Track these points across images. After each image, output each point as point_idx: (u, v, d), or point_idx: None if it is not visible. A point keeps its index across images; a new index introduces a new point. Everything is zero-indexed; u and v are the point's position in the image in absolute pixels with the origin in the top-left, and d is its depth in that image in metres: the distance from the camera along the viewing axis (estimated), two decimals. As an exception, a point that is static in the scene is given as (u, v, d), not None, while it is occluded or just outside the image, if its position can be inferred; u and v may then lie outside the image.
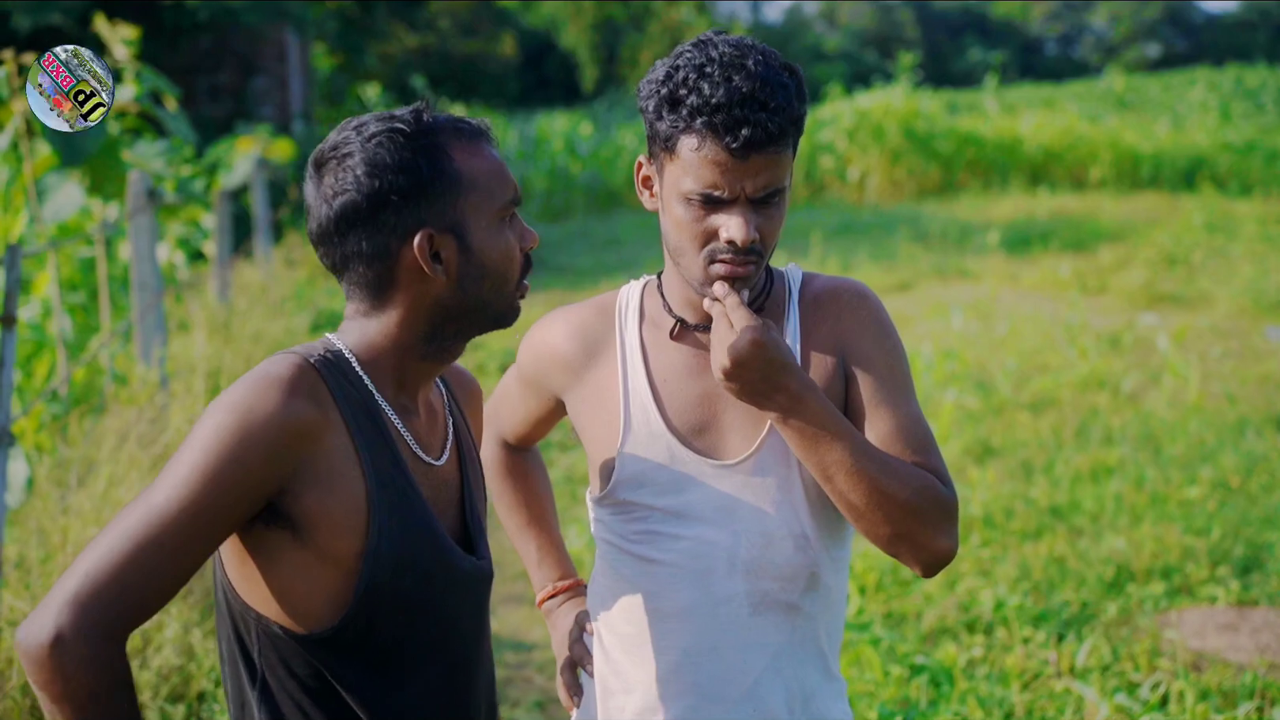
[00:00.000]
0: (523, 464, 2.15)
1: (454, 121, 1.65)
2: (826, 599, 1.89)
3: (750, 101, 1.72)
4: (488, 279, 1.64)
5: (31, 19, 13.95)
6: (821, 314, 1.89)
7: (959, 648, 4.11)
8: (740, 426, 1.86)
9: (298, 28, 16.02)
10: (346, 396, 1.59)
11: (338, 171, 1.59)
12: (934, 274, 11.45)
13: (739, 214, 1.76)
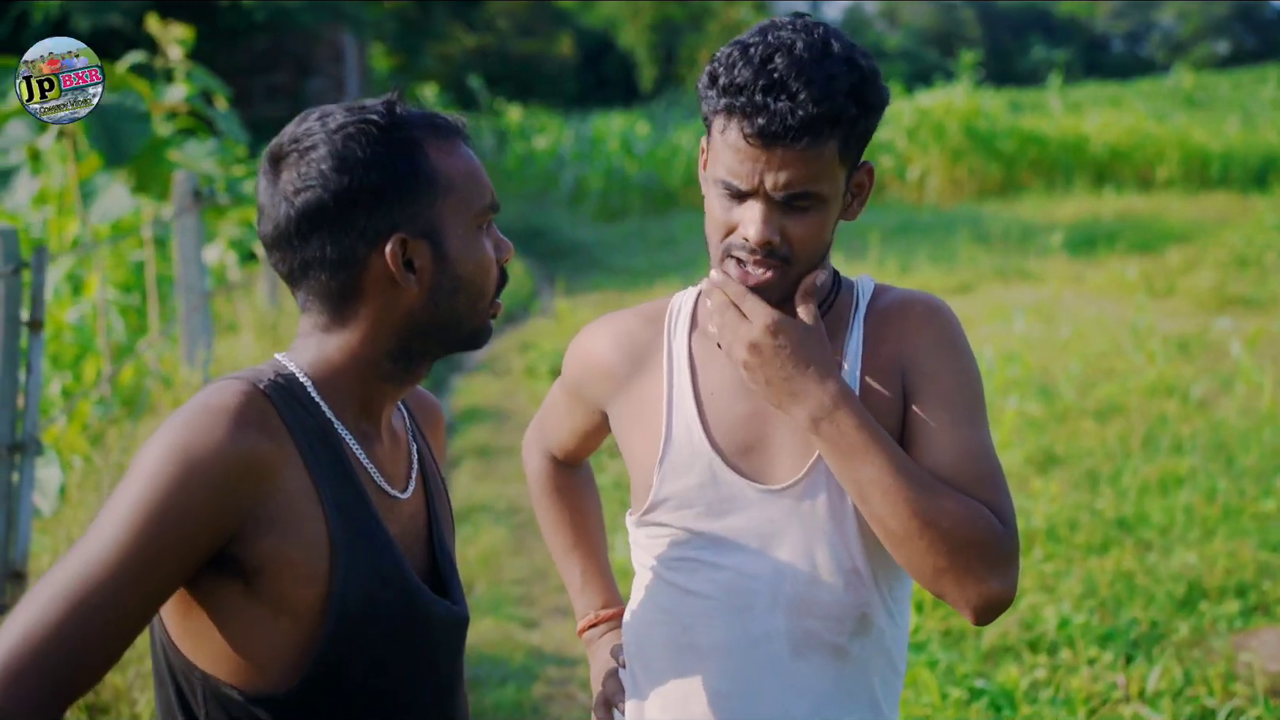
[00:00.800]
0: (570, 481, 2.00)
1: (429, 117, 1.49)
2: (880, 644, 1.72)
3: (777, 87, 1.56)
4: (462, 291, 1.47)
5: (91, 19, 14.07)
6: (887, 329, 1.72)
7: (1021, 669, 3.93)
8: (791, 449, 1.69)
9: (354, 28, 16.04)
10: (301, 425, 1.41)
11: (299, 166, 1.42)
12: (995, 276, 11.21)
13: (758, 208, 1.60)
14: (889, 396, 1.68)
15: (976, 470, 1.62)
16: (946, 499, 1.57)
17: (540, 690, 4.03)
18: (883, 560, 1.70)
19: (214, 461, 1.32)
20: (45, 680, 1.26)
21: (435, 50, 24.07)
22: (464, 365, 8.98)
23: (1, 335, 3.23)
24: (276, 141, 1.46)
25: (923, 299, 1.73)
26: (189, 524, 1.31)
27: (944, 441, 1.63)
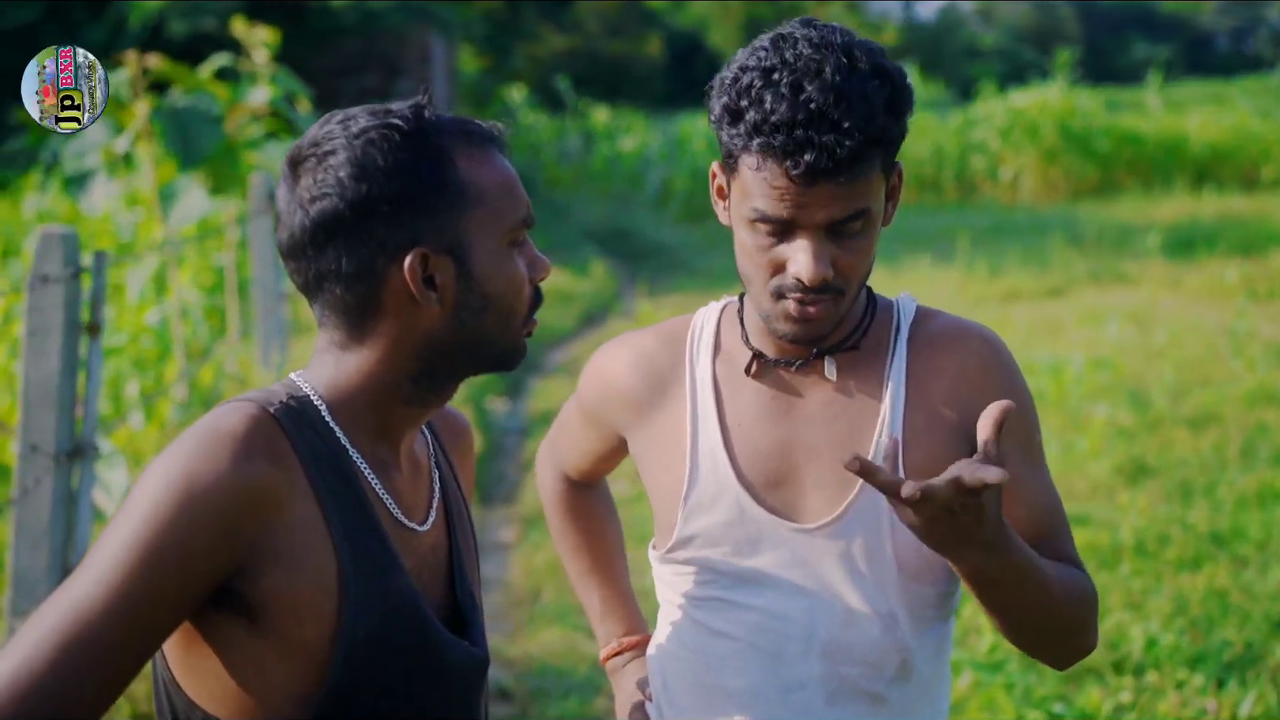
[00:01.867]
0: (586, 502, 1.90)
1: (461, 123, 1.38)
2: (922, 690, 1.61)
3: (818, 120, 1.44)
4: (490, 311, 1.37)
5: (187, 23, 14.31)
6: (939, 361, 1.60)
7: (1104, 691, 3.76)
8: (824, 484, 1.58)
9: (442, 30, 16.13)
10: (313, 451, 1.32)
11: (317, 172, 1.33)
12: (1088, 279, 10.92)
13: (808, 248, 1.49)
14: (941, 434, 1.57)
15: (1053, 524, 1.59)
16: (1070, 596, 1.54)
17: (602, 704, 3.95)
18: (921, 604, 1.59)
19: (217, 491, 1.24)
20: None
21: (524, 51, 24.17)
22: (542, 368, 8.94)
23: (60, 340, 3.22)
24: (296, 145, 1.38)
25: (979, 331, 1.63)
26: (189, 558, 1.24)
27: (1022, 495, 1.58)
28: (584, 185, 18.92)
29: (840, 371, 1.61)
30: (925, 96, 24.28)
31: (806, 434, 1.60)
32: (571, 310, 10.57)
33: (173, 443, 1.29)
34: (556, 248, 13.44)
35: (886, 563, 1.57)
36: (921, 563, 1.58)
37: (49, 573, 3.28)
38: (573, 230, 15.16)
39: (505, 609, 4.87)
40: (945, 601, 1.63)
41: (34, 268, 3.18)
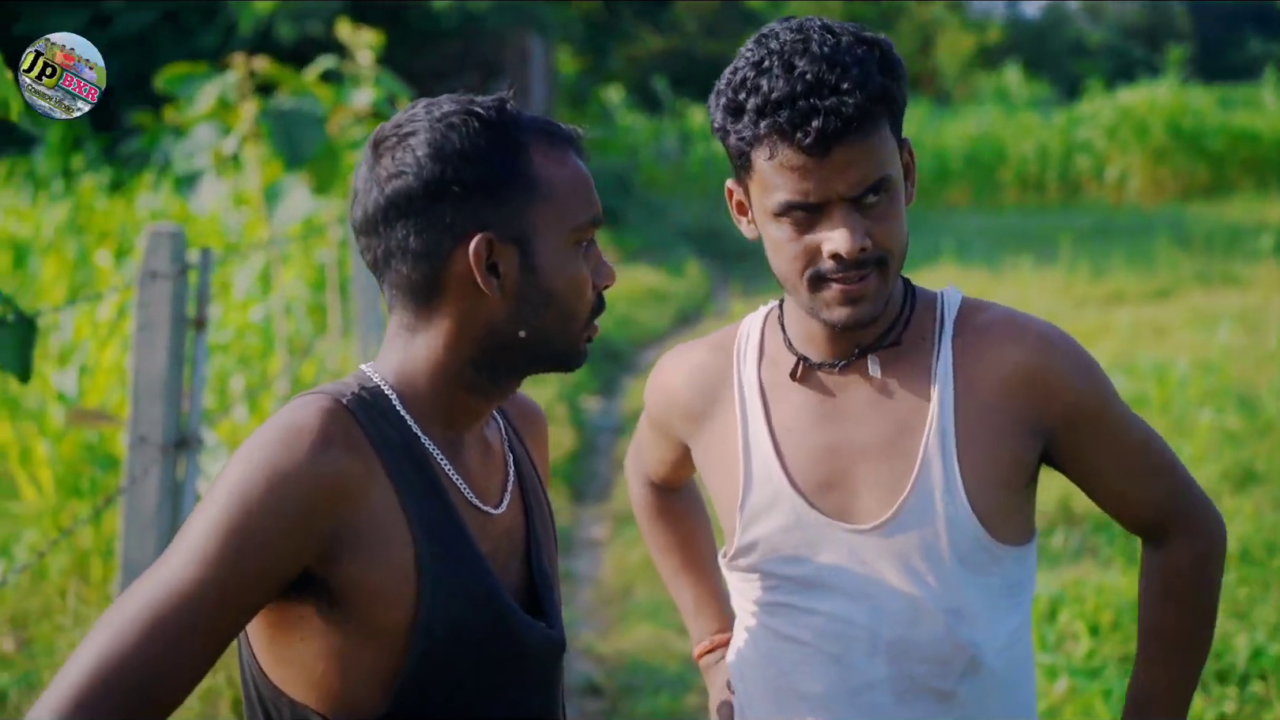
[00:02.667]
0: (674, 504, 1.91)
1: (541, 121, 1.41)
2: (993, 685, 1.59)
3: (817, 88, 1.45)
4: (551, 307, 1.38)
5: (295, 28, 14.58)
6: (991, 356, 1.58)
7: (1207, 701, 3.68)
8: (875, 484, 1.57)
9: (541, 31, 16.25)
10: (386, 440, 1.35)
11: (396, 151, 1.36)
12: (1197, 281, 10.67)
13: (839, 221, 1.48)
14: (995, 431, 1.55)
15: (1159, 465, 1.63)
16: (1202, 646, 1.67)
17: (693, 700, 3.96)
18: (986, 597, 1.58)
19: (297, 483, 1.27)
20: (124, 704, 1.22)
21: (622, 52, 24.24)
22: (636, 367, 8.97)
23: (168, 334, 3.31)
24: (380, 127, 1.41)
25: (1037, 329, 1.60)
26: (271, 546, 1.27)
27: (1123, 461, 1.61)
28: (681, 186, 18.94)
29: (884, 369, 1.60)
30: (1028, 95, 23.91)
31: (855, 435, 1.59)
32: (666, 310, 10.60)
33: (252, 435, 1.32)
34: (651, 248, 13.48)
35: (944, 558, 1.55)
36: (983, 555, 1.56)
37: (156, 559, 3.38)
38: (668, 230, 15.19)
39: (597, 605, 4.90)
40: (1013, 593, 1.61)
41: (143, 265, 3.28)
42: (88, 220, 9.18)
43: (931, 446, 1.56)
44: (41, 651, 3.69)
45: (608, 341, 9.32)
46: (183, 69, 5.84)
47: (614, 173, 16.18)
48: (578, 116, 19.42)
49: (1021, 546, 1.61)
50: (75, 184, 10.84)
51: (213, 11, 14.85)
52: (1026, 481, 1.60)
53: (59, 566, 4.14)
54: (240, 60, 5.66)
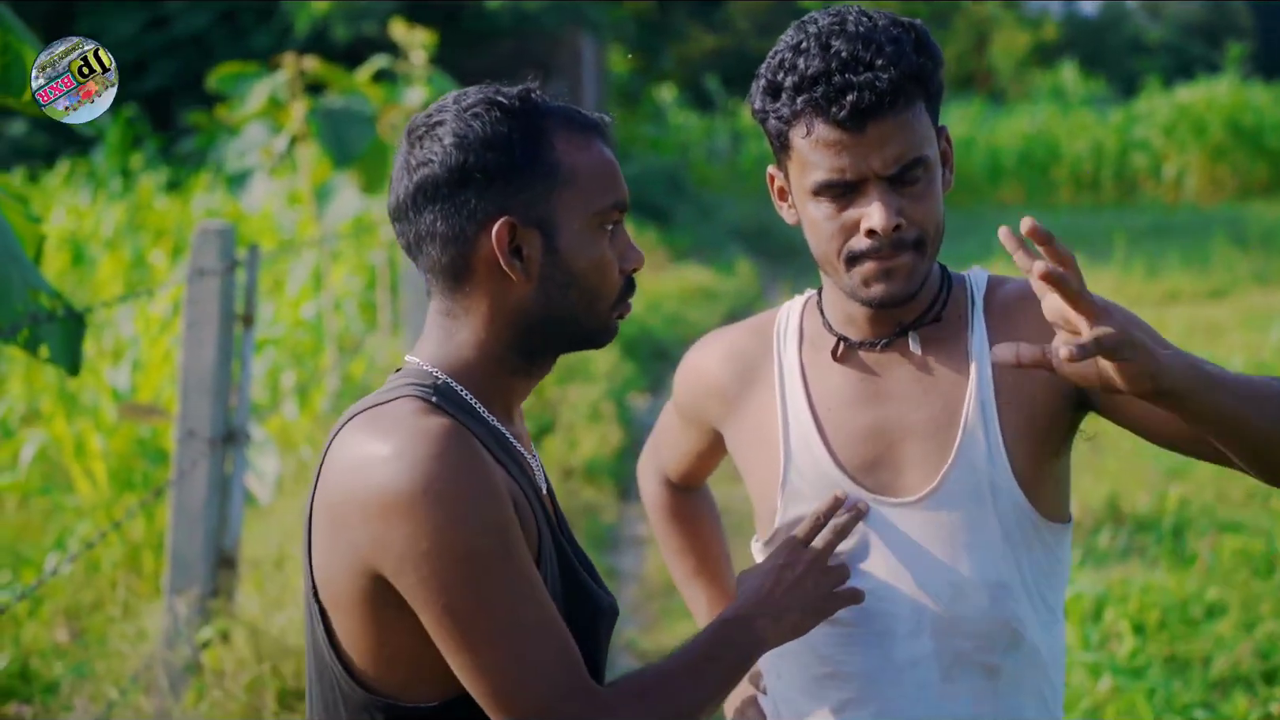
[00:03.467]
0: (689, 505, 1.91)
1: (566, 109, 1.44)
2: (1034, 659, 1.60)
3: (852, 64, 1.47)
4: (575, 289, 1.42)
5: (350, 28, 14.72)
6: (1017, 320, 1.59)
7: (1252, 701, 3.64)
8: (919, 461, 1.58)
9: (593, 30, 16.30)
10: (480, 432, 1.39)
11: (425, 140, 1.41)
12: (1253, 280, 10.53)
13: (875, 197, 1.50)
14: (1036, 395, 1.57)
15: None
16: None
17: (734, 697, 3.96)
18: (1030, 570, 1.59)
19: (477, 472, 1.32)
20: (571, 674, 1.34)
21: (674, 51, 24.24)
22: (684, 364, 8.98)
23: (216, 330, 3.37)
24: (414, 117, 1.46)
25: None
26: (511, 530, 1.33)
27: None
28: (732, 184, 18.93)
29: (924, 347, 1.61)
30: (1084, 93, 23.65)
31: (898, 414, 1.60)
32: (716, 308, 10.59)
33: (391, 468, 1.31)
34: (702, 246, 13.48)
35: (991, 530, 1.56)
36: (1026, 527, 1.58)
37: (204, 553, 3.44)
38: (719, 229, 15.18)
39: (641, 601, 4.92)
40: (1051, 573, 1.62)
41: (191, 262, 3.34)
42: (145, 219, 9.33)
43: (973, 417, 1.57)
44: (94, 642, 3.76)
45: (656, 339, 9.34)
46: (234, 68, 5.93)
47: (666, 171, 16.21)
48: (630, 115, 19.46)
49: (1060, 525, 1.62)
50: (134, 183, 11.01)
51: (269, 12, 15.02)
52: (1064, 442, 1.60)
53: (111, 559, 4.22)
54: (290, 60, 5.73)
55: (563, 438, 6.25)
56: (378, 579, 1.33)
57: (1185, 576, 4.38)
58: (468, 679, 1.32)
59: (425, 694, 1.38)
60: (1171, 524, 5.00)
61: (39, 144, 13.42)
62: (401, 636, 1.36)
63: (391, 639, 1.36)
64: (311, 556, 1.39)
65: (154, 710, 3.08)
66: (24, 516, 4.66)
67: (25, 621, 3.82)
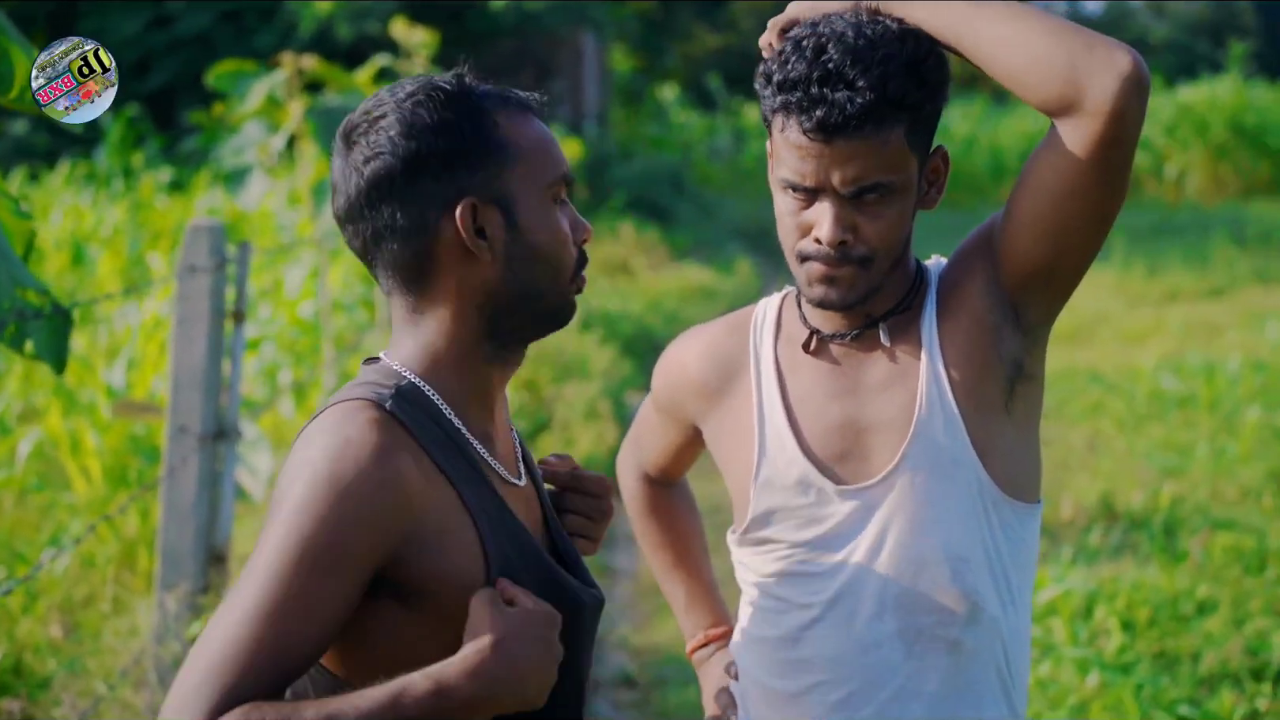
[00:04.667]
0: (668, 500, 1.95)
1: (500, 90, 1.46)
2: (994, 633, 1.64)
3: (833, 78, 1.50)
4: (539, 263, 1.43)
5: (353, 28, 14.74)
6: (950, 281, 1.66)
7: (1239, 697, 3.65)
8: (884, 448, 1.62)
9: (596, 30, 16.31)
10: (431, 436, 1.39)
11: (369, 135, 1.40)
12: (1254, 279, 10.53)
13: (829, 210, 1.54)
14: (971, 340, 1.62)
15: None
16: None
17: (723, 693, 3.98)
18: (994, 544, 1.62)
19: (364, 494, 1.31)
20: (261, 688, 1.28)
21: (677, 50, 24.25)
22: (684, 364, 8.98)
23: (207, 327, 3.39)
24: (348, 119, 1.45)
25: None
26: (347, 559, 1.30)
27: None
28: (734, 184, 18.92)
29: (892, 337, 1.65)
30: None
31: (867, 404, 1.64)
32: (715, 307, 10.59)
33: (303, 451, 1.34)
34: (702, 245, 13.48)
35: (951, 504, 1.60)
36: (986, 499, 1.61)
37: (195, 549, 3.46)
38: (720, 228, 15.19)
39: (634, 599, 4.93)
40: (1018, 551, 1.65)
41: (182, 259, 3.36)
42: (145, 218, 9.35)
43: (929, 393, 1.61)
44: (87, 637, 3.78)
45: (654, 337, 9.34)
46: (233, 66, 5.94)
47: (668, 170, 16.21)
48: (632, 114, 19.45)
49: (1024, 505, 1.65)
50: (135, 182, 11.03)
51: (271, 12, 15.04)
52: (1011, 410, 1.62)
53: (106, 555, 4.23)
54: (289, 59, 5.75)
55: (559, 435, 6.26)
56: None
57: (1176, 573, 4.39)
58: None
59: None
60: (1164, 522, 5.02)
61: (40, 143, 13.45)
62: (374, 640, 1.37)
63: (367, 643, 1.37)
64: None
65: (143, 705, 3.10)
66: (20, 513, 4.67)
67: (20, 617, 3.84)
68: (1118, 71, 1.45)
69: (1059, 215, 1.53)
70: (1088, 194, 1.52)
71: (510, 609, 1.35)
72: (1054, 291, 1.60)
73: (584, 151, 11.83)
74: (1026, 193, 1.55)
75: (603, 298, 9.80)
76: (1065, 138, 1.49)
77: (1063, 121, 1.49)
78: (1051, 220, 1.54)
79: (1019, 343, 1.61)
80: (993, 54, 1.50)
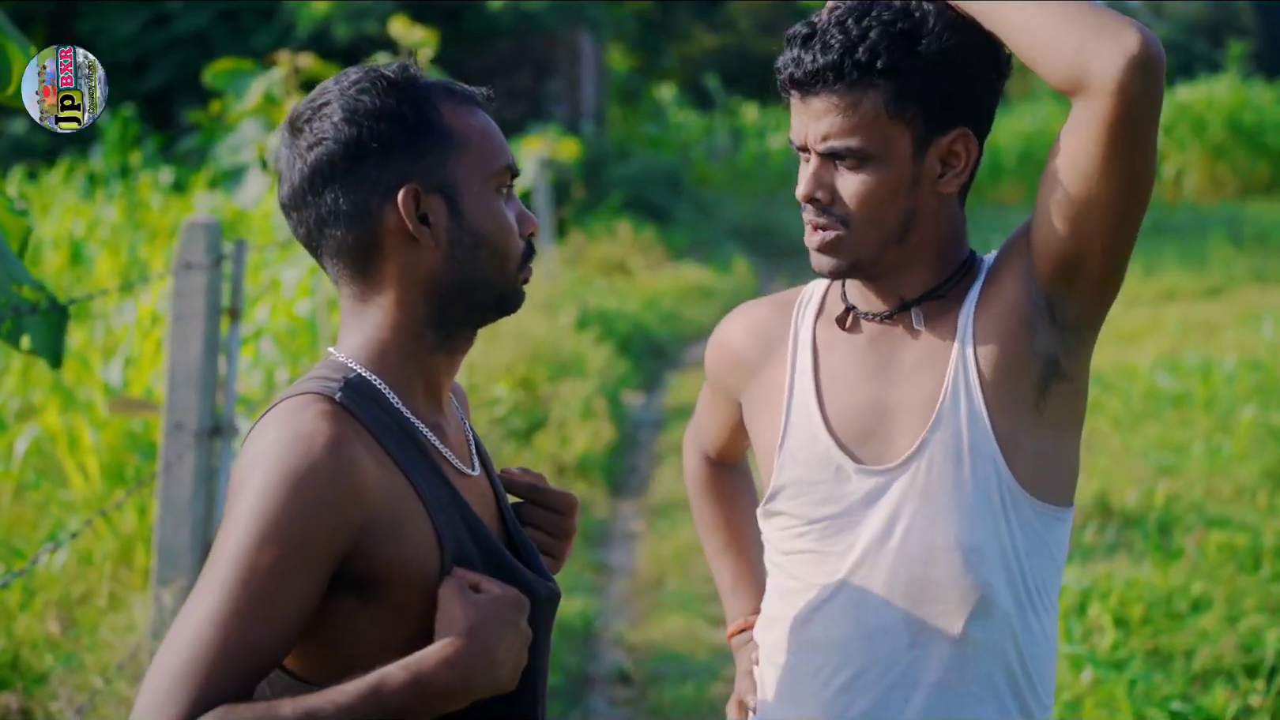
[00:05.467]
0: (725, 481, 1.95)
1: (445, 82, 1.47)
2: (1005, 628, 1.61)
3: (820, 35, 1.55)
4: (484, 249, 1.43)
5: (351, 28, 14.73)
6: (997, 278, 1.64)
7: (1232, 693, 3.66)
8: (908, 431, 1.62)
9: (593, 29, 16.31)
10: (382, 426, 1.39)
11: (313, 122, 1.41)
12: (1251, 278, 10.55)
13: (806, 168, 1.60)
14: (1004, 334, 1.60)
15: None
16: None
17: (719, 690, 3.99)
18: (1012, 540, 1.60)
19: (320, 487, 1.30)
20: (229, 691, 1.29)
21: (675, 50, 24.25)
22: (680, 362, 9.01)
23: (203, 324, 3.40)
24: (295, 108, 1.46)
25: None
26: (310, 549, 1.31)
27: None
28: (732, 183, 18.93)
29: (927, 323, 1.64)
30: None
31: (895, 387, 1.64)
32: (712, 306, 10.61)
33: (255, 448, 1.34)
34: (700, 245, 13.49)
35: (967, 494, 1.59)
36: (1005, 494, 1.60)
37: (192, 544, 3.47)
38: (717, 227, 15.20)
39: (630, 596, 4.95)
40: (1042, 553, 1.63)
41: (178, 255, 3.37)
42: (143, 218, 9.35)
43: (955, 382, 1.61)
44: (85, 633, 3.79)
45: (651, 337, 9.36)
46: (229, 65, 5.95)
47: (665, 170, 16.21)
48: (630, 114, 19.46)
49: (1051, 507, 1.62)
50: (133, 182, 11.04)
51: (269, 11, 15.04)
52: (1044, 408, 1.60)
53: (103, 551, 4.25)
54: (286, 57, 5.76)
55: (554, 434, 6.28)
56: None
57: (1171, 571, 4.40)
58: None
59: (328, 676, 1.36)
60: (1159, 519, 5.03)
61: (39, 142, 13.44)
62: (328, 632, 1.37)
63: (321, 635, 1.37)
64: None
65: (140, 699, 3.10)
66: (18, 509, 4.68)
67: (18, 613, 3.86)
68: (1124, 49, 1.44)
69: (1078, 199, 1.51)
70: (1105, 176, 1.49)
71: (479, 596, 1.35)
72: (1086, 285, 1.56)
73: (581, 151, 11.83)
74: (1048, 178, 1.55)
75: (600, 297, 9.82)
76: (1079, 118, 1.50)
77: (1076, 102, 1.50)
78: (1071, 204, 1.52)
79: (1055, 340, 1.58)
80: (1012, 34, 1.52)
